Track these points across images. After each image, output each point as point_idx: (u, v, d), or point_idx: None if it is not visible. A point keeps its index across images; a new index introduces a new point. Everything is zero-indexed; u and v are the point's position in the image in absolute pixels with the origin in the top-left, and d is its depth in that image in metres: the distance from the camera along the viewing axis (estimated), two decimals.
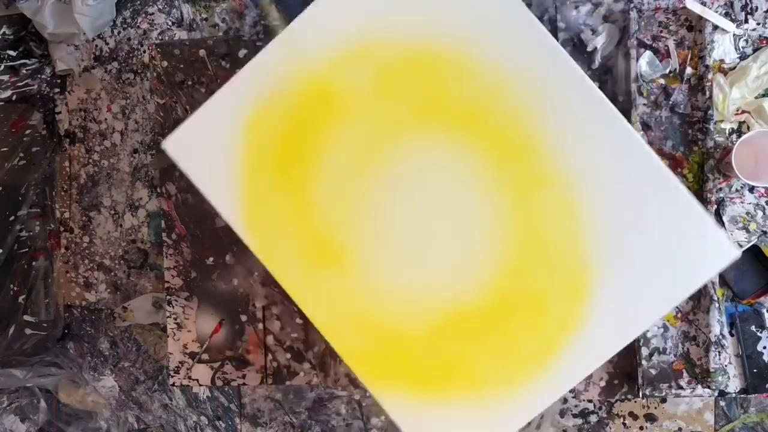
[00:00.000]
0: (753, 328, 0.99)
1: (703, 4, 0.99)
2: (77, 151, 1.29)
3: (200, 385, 1.15)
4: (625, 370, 1.03)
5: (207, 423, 1.22)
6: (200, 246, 1.12)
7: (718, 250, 0.70)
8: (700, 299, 0.99)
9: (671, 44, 1.00)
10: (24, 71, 1.32)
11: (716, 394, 0.99)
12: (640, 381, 0.98)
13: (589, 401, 1.08)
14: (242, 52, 1.09)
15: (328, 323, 0.77)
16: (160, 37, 1.24)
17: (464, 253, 0.74)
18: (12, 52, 1.32)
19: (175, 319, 1.14)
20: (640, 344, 0.98)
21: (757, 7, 1.00)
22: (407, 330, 0.75)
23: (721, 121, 0.99)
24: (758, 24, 1.00)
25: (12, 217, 1.29)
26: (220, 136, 0.77)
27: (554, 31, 1.03)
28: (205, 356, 1.13)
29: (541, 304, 0.73)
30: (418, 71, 0.74)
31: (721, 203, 1.00)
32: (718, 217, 0.99)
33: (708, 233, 0.70)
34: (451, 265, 0.74)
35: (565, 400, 1.08)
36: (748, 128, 1.00)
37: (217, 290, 1.10)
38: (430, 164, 0.75)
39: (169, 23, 1.24)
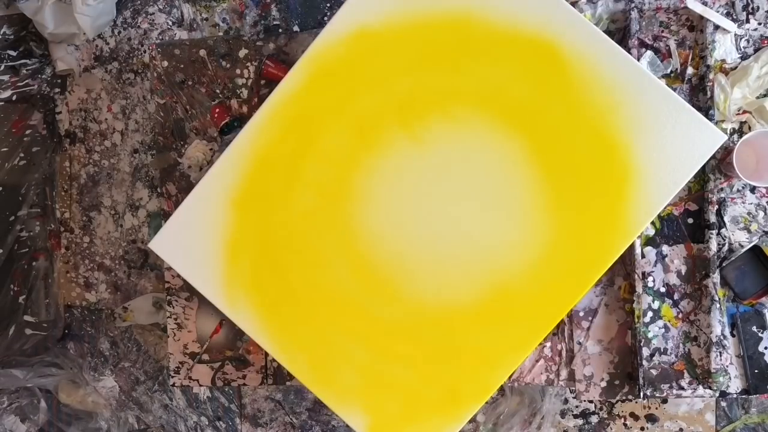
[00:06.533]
0: (754, 328, 0.99)
1: (705, 4, 0.99)
2: (77, 151, 1.29)
3: (200, 386, 1.15)
4: (626, 370, 1.02)
5: (207, 423, 1.22)
6: None
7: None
8: (701, 300, 0.99)
9: (672, 44, 1.00)
10: (24, 71, 1.32)
11: (717, 394, 0.99)
12: (641, 381, 0.98)
13: (590, 402, 1.07)
14: (242, 52, 1.09)
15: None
16: (160, 37, 1.24)
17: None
18: (12, 52, 1.32)
19: (176, 319, 1.14)
20: (641, 345, 0.98)
21: (758, 7, 1.00)
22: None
23: (723, 121, 0.99)
24: (759, 24, 1.00)
25: (12, 217, 1.29)
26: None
27: None
28: (205, 356, 1.13)
29: None
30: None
31: (722, 203, 0.99)
32: (720, 217, 0.99)
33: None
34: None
35: (566, 401, 1.08)
36: (750, 128, 0.99)
37: None
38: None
39: (170, 23, 1.23)
